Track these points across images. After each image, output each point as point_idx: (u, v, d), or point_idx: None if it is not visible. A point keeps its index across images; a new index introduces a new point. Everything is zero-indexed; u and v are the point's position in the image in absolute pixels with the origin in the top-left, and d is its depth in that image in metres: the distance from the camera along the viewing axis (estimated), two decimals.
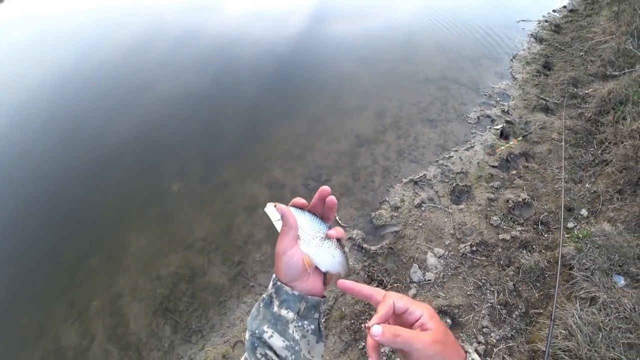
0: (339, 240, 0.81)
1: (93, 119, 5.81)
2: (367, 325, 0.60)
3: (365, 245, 3.32)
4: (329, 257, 0.79)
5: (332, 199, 0.79)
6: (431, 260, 3.21)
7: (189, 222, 4.11)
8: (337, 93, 5.34)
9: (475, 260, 3.19)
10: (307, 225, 0.79)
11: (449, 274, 3.14)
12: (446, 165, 3.97)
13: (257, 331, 0.71)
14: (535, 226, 3.44)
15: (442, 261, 3.21)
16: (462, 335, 2.82)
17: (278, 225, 0.78)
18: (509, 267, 3.16)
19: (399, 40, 6.39)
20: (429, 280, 3.09)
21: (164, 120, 5.51)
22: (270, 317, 0.73)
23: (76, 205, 4.90)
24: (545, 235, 3.37)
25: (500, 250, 3.27)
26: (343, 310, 3.00)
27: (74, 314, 3.77)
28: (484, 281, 3.07)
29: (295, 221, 0.77)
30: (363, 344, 2.82)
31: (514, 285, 3.03)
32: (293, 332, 0.73)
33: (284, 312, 0.73)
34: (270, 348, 0.71)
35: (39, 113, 6.21)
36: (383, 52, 6.09)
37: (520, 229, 3.41)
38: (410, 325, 0.63)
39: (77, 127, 5.76)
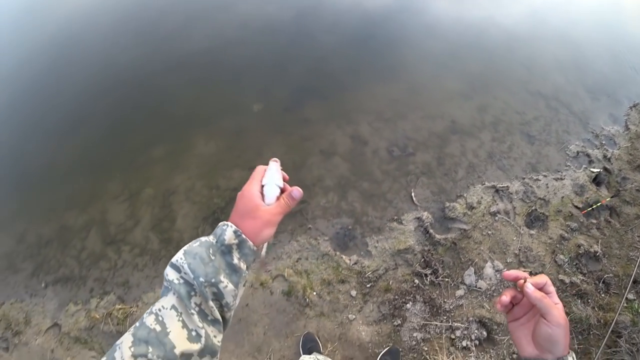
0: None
1: (177, 23, 6.01)
2: (526, 279, 0.79)
3: (431, 231, 3.29)
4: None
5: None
6: (488, 270, 3.18)
7: (260, 145, 4.10)
8: (442, 72, 5.11)
9: None
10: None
11: (500, 290, 3.11)
12: (531, 186, 3.83)
13: (212, 280, 0.69)
14: (596, 282, 3.35)
15: (498, 275, 3.17)
16: (492, 351, 2.85)
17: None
18: None
19: (521, 40, 5.96)
20: (479, 287, 3.08)
21: (258, 39, 5.54)
22: (226, 267, 0.73)
23: (152, 95, 5.03)
24: (603, 295, 3.29)
25: (555, 289, 3.20)
26: (390, 283, 3.03)
27: (126, 194, 3.90)
28: None
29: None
30: (399, 321, 2.87)
31: None
32: (244, 284, 0.78)
33: (243, 265, 0.75)
34: (217, 297, 0.71)
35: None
36: (501, 48, 5.72)
37: (581, 277, 3.33)
38: None
39: (161, 26, 6.01)
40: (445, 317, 2.93)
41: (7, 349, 3.24)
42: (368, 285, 3.01)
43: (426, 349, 2.80)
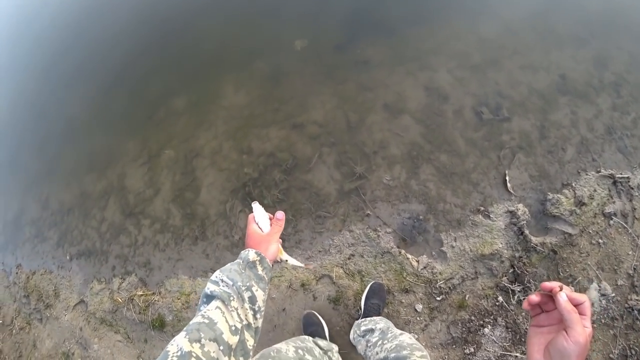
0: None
1: None
2: (562, 287, 0.71)
3: (526, 232, 2.52)
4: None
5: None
6: (593, 293, 2.46)
7: (305, 95, 3.29)
8: (550, 7, 3.89)
9: (638, 322, 2.43)
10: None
11: (602, 320, 2.41)
12: None
13: (247, 284, 0.90)
14: None
15: (603, 301, 2.44)
16: None
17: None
18: None
19: None
20: None
21: None
22: (254, 277, 0.94)
23: (172, 31, 4.31)
24: None
25: None
26: (466, 298, 2.36)
27: (145, 155, 3.46)
28: (633, 352, 2.36)
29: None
30: (472, 349, 2.24)
31: None
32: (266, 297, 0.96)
33: (266, 276, 0.97)
34: (251, 301, 0.88)
35: None
36: None
37: None
38: None
39: None
40: None
41: (41, 320, 3.34)
42: (438, 298, 2.36)
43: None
